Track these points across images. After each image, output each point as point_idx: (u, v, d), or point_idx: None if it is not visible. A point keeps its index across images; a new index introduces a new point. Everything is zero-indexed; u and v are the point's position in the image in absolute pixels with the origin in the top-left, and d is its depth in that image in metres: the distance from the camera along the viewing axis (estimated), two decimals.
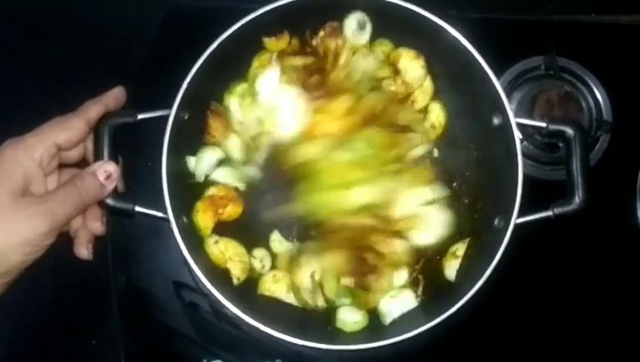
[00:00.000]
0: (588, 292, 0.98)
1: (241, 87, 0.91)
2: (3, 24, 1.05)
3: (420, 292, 0.90)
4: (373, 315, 0.89)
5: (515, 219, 0.81)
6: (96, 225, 0.80)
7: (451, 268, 0.89)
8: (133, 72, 0.98)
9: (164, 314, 0.96)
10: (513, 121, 0.82)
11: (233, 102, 0.90)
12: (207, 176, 0.90)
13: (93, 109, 0.78)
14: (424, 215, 0.89)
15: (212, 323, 0.95)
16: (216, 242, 0.88)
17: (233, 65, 0.89)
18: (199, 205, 0.87)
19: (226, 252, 0.88)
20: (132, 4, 1.06)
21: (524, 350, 0.97)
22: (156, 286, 0.97)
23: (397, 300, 0.88)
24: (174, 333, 0.96)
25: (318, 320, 0.89)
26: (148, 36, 1.01)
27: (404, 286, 0.89)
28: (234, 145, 0.91)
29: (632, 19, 1.06)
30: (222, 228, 0.90)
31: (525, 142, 0.99)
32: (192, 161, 0.90)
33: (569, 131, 0.82)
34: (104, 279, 0.97)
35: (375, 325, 0.88)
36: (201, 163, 0.89)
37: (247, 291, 0.90)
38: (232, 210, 0.90)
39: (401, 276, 0.89)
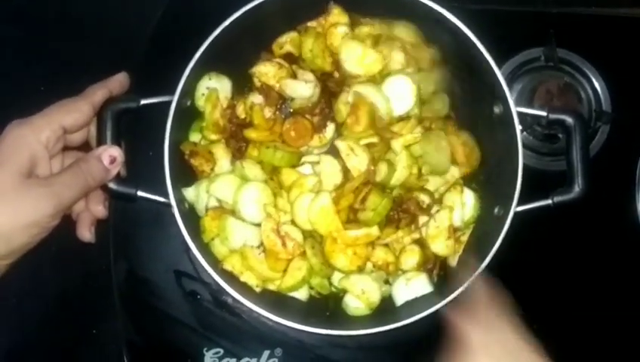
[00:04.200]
0: (587, 281, 0.99)
1: (203, 124, 0.90)
2: (5, 16, 1.05)
3: (435, 276, 0.91)
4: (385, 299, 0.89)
5: (514, 207, 0.82)
6: (99, 208, 0.81)
7: (454, 255, 0.90)
8: (136, 60, 0.98)
9: (165, 303, 0.97)
10: (514, 109, 0.83)
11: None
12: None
13: (99, 93, 0.79)
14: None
15: (213, 311, 0.96)
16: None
17: (235, 52, 0.89)
18: (210, 211, 0.87)
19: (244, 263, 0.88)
20: None
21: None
22: (157, 275, 0.97)
23: (411, 284, 0.88)
24: (175, 322, 0.97)
25: (318, 307, 0.90)
26: (151, 25, 1.01)
27: (417, 272, 0.89)
28: None
29: (632, 11, 1.06)
30: None
31: (525, 133, 1.00)
32: (190, 193, 0.88)
33: (569, 120, 0.83)
34: (105, 269, 0.97)
35: (377, 312, 0.88)
36: (200, 198, 0.88)
37: None
38: None
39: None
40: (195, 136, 0.90)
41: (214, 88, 0.89)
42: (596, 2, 1.07)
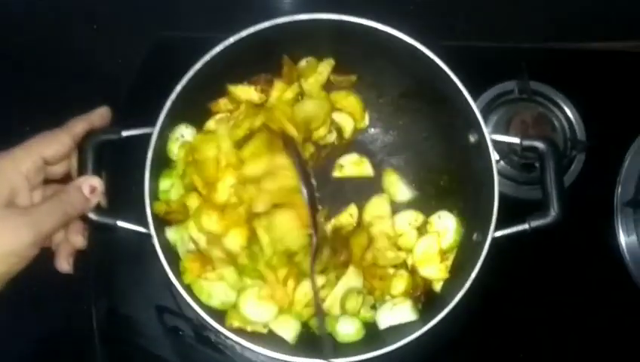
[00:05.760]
0: (572, 308, 1.00)
1: (175, 172, 0.90)
2: None
3: (420, 305, 0.91)
4: (370, 325, 0.90)
5: (492, 233, 0.82)
6: (78, 238, 0.81)
7: (440, 280, 0.91)
8: (119, 99, 1.00)
9: (147, 340, 0.96)
10: (488, 136, 0.84)
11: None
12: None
13: (79, 125, 0.80)
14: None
15: (195, 348, 0.95)
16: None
17: (212, 86, 0.92)
18: (188, 255, 0.87)
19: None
20: (118, 37, 1.10)
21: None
22: (138, 311, 0.96)
23: (395, 309, 0.89)
24: (157, 360, 0.95)
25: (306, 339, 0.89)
26: (133, 66, 1.04)
27: (403, 297, 0.90)
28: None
29: (604, 45, 1.10)
30: None
31: (502, 163, 1.02)
32: (171, 233, 0.88)
33: (542, 146, 0.85)
34: (86, 309, 0.96)
35: (368, 337, 0.89)
36: (183, 239, 0.88)
37: None
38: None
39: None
40: (164, 184, 0.90)
41: (188, 140, 0.90)
42: (567, 37, 1.11)
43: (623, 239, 1.01)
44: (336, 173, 0.98)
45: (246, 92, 0.94)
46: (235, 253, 0.86)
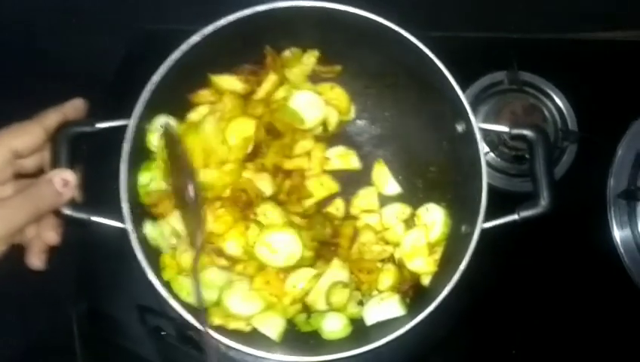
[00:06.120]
0: (567, 306, 0.98)
1: (154, 164, 0.88)
2: None
3: (408, 300, 0.89)
4: (357, 322, 0.87)
5: (481, 224, 0.80)
6: (51, 234, 0.78)
7: (429, 274, 0.89)
8: (101, 93, 0.98)
9: (129, 341, 0.94)
10: (475, 124, 0.82)
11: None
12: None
13: (51, 117, 0.78)
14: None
15: (178, 348, 0.92)
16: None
17: (194, 77, 0.90)
18: (169, 250, 0.85)
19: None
20: (99, 31, 1.07)
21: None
22: (120, 311, 0.94)
23: (383, 304, 0.86)
24: (139, 361, 0.93)
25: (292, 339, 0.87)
26: (116, 60, 1.02)
27: (390, 292, 0.88)
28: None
29: (593, 35, 1.09)
30: None
31: (493, 155, 1.00)
32: (151, 229, 0.85)
33: (531, 134, 0.83)
34: (66, 309, 0.94)
35: (355, 333, 0.86)
36: (163, 236, 0.85)
37: None
38: None
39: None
40: (144, 177, 0.87)
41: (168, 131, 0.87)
42: (557, 28, 1.09)
43: (616, 232, 0.99)
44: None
45: (229, 82, 0.91)
46: (236, 257, 0.85)
